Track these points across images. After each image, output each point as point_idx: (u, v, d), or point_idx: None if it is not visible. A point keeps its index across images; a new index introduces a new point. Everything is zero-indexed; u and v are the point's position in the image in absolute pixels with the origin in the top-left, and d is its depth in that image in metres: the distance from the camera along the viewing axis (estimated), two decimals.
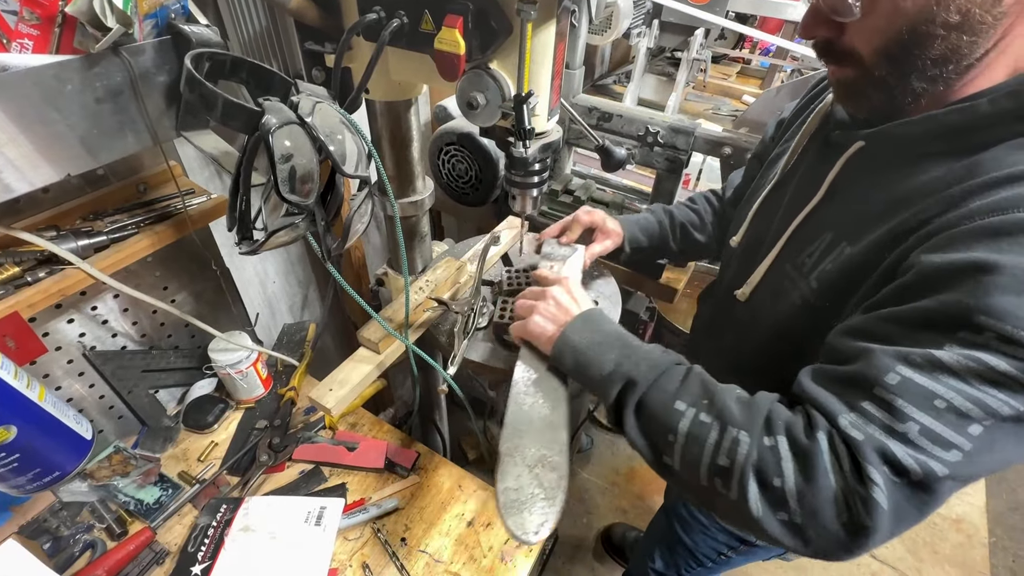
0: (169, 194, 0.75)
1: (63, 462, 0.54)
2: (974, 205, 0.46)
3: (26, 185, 0.50)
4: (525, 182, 0.80)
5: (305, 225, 0.59)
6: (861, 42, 0.51)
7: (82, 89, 0.50)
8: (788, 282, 0.65)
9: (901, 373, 0.43)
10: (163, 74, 0.56)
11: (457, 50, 0.62)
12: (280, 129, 0.49)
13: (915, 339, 0.45)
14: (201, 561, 0.77)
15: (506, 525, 0.54)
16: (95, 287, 0.78)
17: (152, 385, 0.93)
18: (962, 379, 0.42)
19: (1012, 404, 0.41)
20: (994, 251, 0.42)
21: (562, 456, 0.59)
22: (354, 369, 0.82)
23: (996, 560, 1.95)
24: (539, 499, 0.55)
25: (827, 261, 0.59)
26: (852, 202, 0.60)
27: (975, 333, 0.42)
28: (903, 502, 0.42)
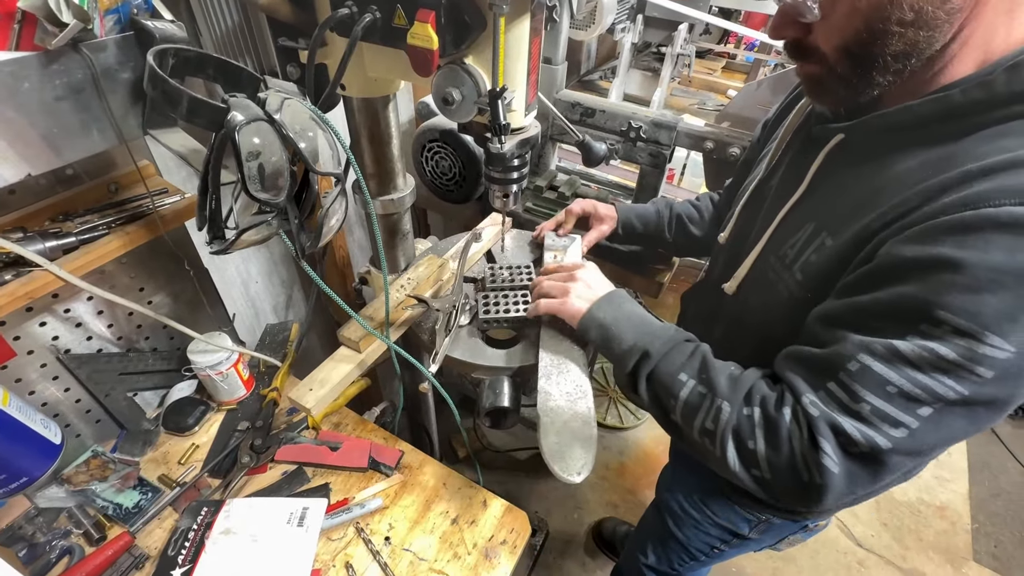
0: (141, 194, 0.74)
1: (30, 468, 0.53)
2: (947, 200, 0.47)
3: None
4: (504, 178, 0.79)
5: (277, 223, 0.58)
6: (824, 40, 0.53)
7: (40, 86, 0.49)
8: (773, 274, 0.67)
9: (862, 361, 0.49)
10: (127, 71, 0.54)
11: (430, 45, 0.61)
12: (247, 126, 0.48)
13: (880, 329, 0.49)
14: (181, 565, 0.77)
15: (553, 470, 0.67)
16: (67, 289, 0.77)
17: (130, 388, 0.91)
18: (916, 368, 0.47)
19: (958, 390, 0.46)
20: (959, 247, 0.45)
21: (590, 411, 0.72)
22: (334, 368, 0.82)
23: (979, 546, 1.99)
24: (577, 447, 0.68)
25: (809, 252, 0.61)
26: (833, 194, 0.62)
27: (934, 326, 0.46)
28: (854, 468, 0.50)
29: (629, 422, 2.33)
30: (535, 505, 2.03)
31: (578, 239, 1.05)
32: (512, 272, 0.99)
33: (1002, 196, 0.45)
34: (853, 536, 1.98)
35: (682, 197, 1.51)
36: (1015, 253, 0.44)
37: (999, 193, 0.45)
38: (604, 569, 1.85)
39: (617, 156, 1.31)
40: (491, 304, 0.93)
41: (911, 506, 2.09)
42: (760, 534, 0.92)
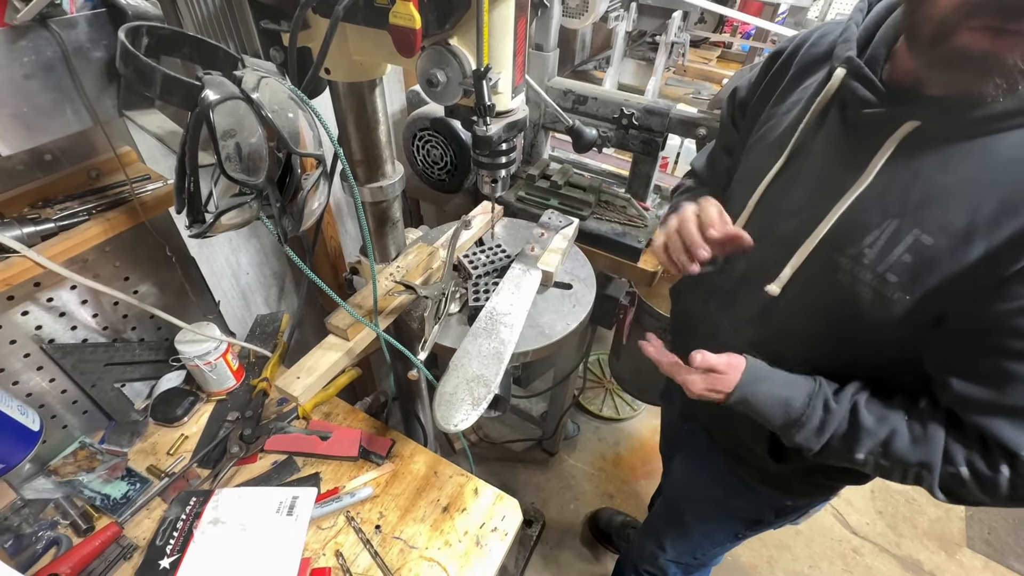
0: (123, 180, 0.73)
1: (7, 454, 0.52)
2: None
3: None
4: (491, 162, 0.78)
5: (257, 206, 0.57)
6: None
7: (7, 64, 0.47)
8: (843, 274, 0.62)
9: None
10: (100, 50, 0.53)
11: (413, 24, 0.60)
12: (221, 104, 0.47)
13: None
14: (170, 555, 0.76)
15: (434, 415, 0.70)
16: (50, 277, 0.76)
17: (117, 379, 0.91)
18: None
19: None
20: None
21: (495, 379, 0.75)
22: (322, 357, 0.81)
23: (972, 533, 2.00)
24: (466, 404, 0.71)
25: (900, 251, 0.57)
26: (912, 186, 0.57)
27: None
28: None
29: (625, 413, 2.33)
30: (531, 496, 2.04)
31: (575, 223, 1.04)
32: (489, 254, 0.99)
33: None
34: (848, 524, 1.99)
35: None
36: None
37: None
38: (600, 559, 1.86)
39: (610, 144, 1.30)
40: (480, 291, 0.92)
41: (905, 494, 2.10)
42: (785, 516, 0.93)
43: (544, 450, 2.19)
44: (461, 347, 0.80)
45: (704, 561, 1.16)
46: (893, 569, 1.88)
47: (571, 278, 1.02)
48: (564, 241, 1.03)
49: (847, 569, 1.87)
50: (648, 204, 1.37)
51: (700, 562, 1.16)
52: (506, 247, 1.02)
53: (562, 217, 1.08)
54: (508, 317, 0.86)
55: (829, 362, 0.68)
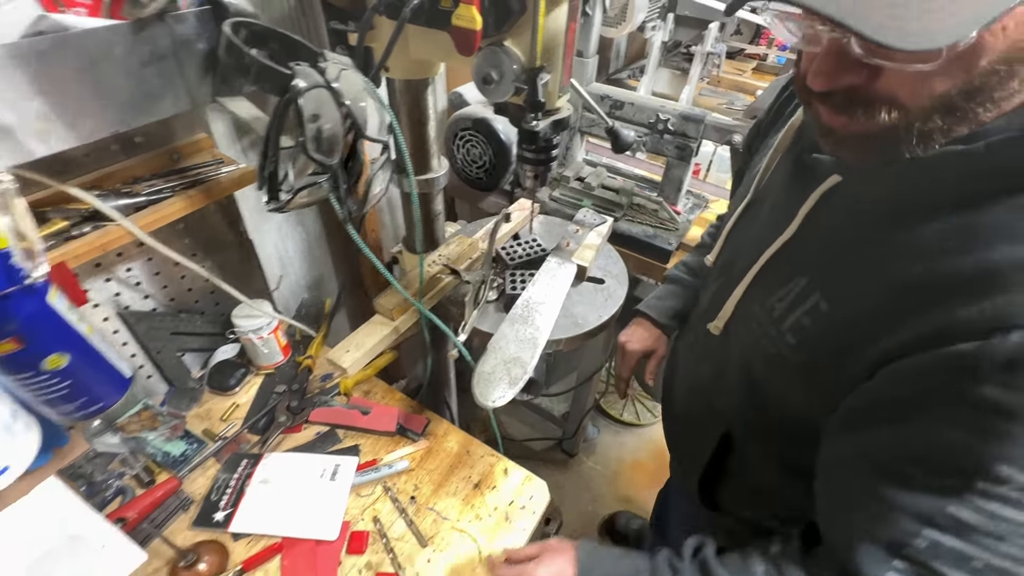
0: (201, 162, 0.80)
1: (106, 395, 0.59)
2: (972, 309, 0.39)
3: (75, 139, 0.55)
4: (537, 158, 0.83)
5: (328, 186, 0.63)
6: (906, 90, 0.39)
7: (130, 52, 0.54)
8: (757, 325, 0.58)
9: (929, 537, 0.42)
10: (202, 42, 0.60)
11: (474, 26, 0.65)
12: (309, 91, 0.53)
13: (927, 482, 0.43)
14: (223, 508, 0.82)
15: (473, 392, 0.74)
16: (130, 248, 0.84)
17: (179, 348, 0.98)
18: (997, 538, 0.40)
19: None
20: (1008, 390, 0.38)
21: (531, 361, 0.79)
22: (369, 334, 0.87)
23: None
24: (503, 382, 0.76)
25: (800, 312, 0.53)
26: (828, 246, 0.53)
27: (994, 484, 0.39)
28: None
29: (646, 419, 2.34)
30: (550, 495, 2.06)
31: (608, 221, 1.08)
32: (526, 247, 1.04)
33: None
34: None
35: (708, 192, 1.54)
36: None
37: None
38: None
39: (644, 148, 1.34)
40: (517, 281, 0.97)
41: None
42: None
43: (564, 451, 2.21)
44: (499, 331, 0.85)
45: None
46: None
47: (604, 274, 1.06)
48: (598, 238, 1.07)
49: None
50: (679, 208, 1.40)
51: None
52: (542, 242, 1.07)
53: (596, 215, 1.13)
54: (543, 306, 0.90)
55: (758, 417, 0.63)
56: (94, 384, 0.57)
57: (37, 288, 0.49)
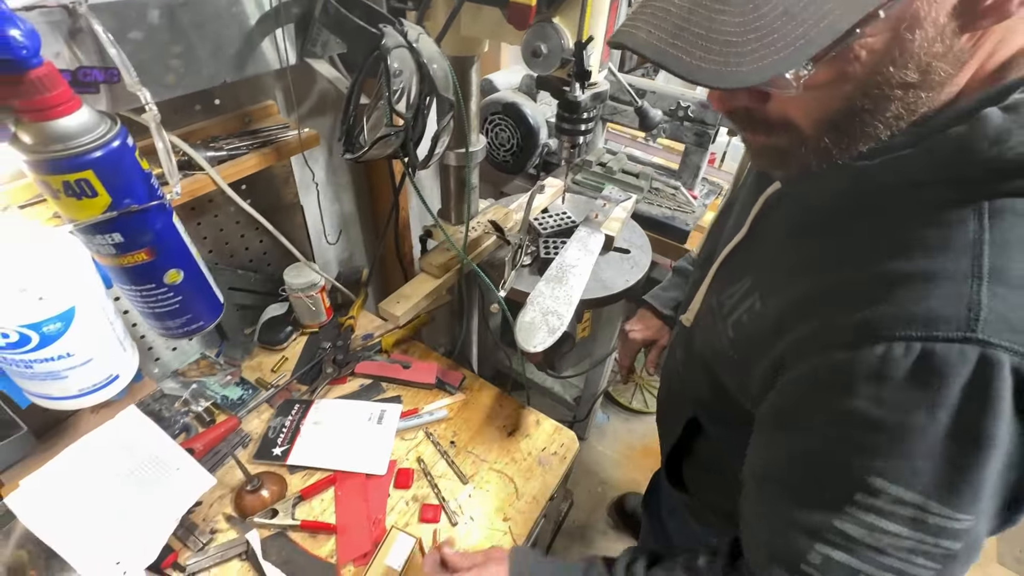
0: (270, 126, 0.88)
1: (205, 315, 0.65)
2: (856, 317, 0.40)
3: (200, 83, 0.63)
4: (574, 128, 0.91)
5: (397, 141, 0.71)
6: (797, 112, 0.41)
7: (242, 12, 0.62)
8: (712, 319, 0.61)
9: (821, 552, 0.44)
10: (297, 7, 0.68)
11: (530, 1, 0.73)
12: (395, 49, 0.60)
13: (814, 495, 0.44)
14: (280, 445, 0.89)
15: (517, 339, 0.83)
16: (202, 204, 0.91)
17: (235, 303, 1.05)
18: (879, 551, 0.41)
19: (931, 566, 0.40)
20: (875, 403, 0.39)
21: (567, 314, 0.88)
22: (417, 287, 0.94)
23: (1004, 550, 1.99)
24: (542, 330, 0.85)
25: (742, 311, 0.55)
26: (767, 250, 0.55)
27: (871, 496, 0.40)
28: None
29: (654, 407, 2.40)
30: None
31: (633, 197, 1.16)
32: (556, 219, 1.12)
33: (907, 325, 0.38)
34: None
35: (723, 180, 1.61)
36: (934, 410, 0.37)
37: (904, 321, 0.38)
38: (625, 540, 1.92)
39: (664, 134, 1.42)
40: (551, 247, 1.04)
41: None
42: None
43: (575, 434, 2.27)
44: (536, 288, 0.92)
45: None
46: None
47: (628, 245, 1.13)
48: (624, 212, 1.15)
49: None
50: (696, 193, 1.47)
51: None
52: (571, 215, 1.14)
53: (622, 192, 1.20)
54: (576, 269, 0.98)
55: (715, 406, 0.66)
56: (198, 303, 0.64)
57: (168, 207, 0.57)
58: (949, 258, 0.38)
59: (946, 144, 0.38)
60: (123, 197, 0.51)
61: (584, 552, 1.89)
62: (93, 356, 0.60)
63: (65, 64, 0.50)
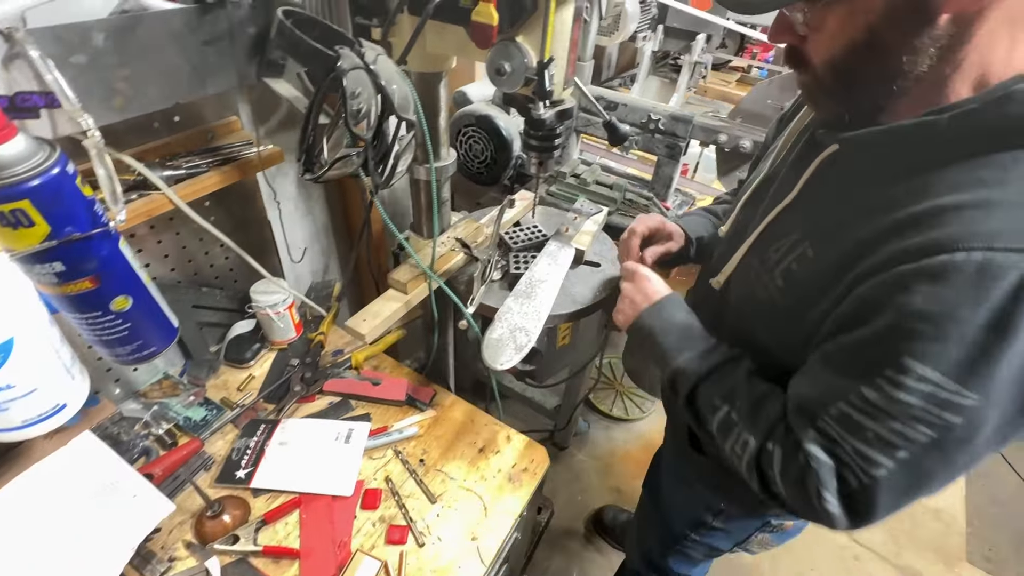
0: (233, 142, 0.87)
1: (157, 341, 0.64)
2: (918, 239, 0.48)
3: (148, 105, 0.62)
4: (542, 145, 0.91)
5: (358, 160, 0.70)
6: (814, 53, 0.54)
7: (194, 32, 0.61)
8: (754, 276, 0.67)
9: (840, 408, 0.53)
10: (252, 26, 0.67)
11: (491, 21, 0.73)
12: (352, 71, 0.60)
13: (855, 371, 0.52)
14: (244, 467, 0.88)
15: (483, 356, 0.82)
16: (162, 222, 0.89)
17: (199, 321, 1.03)
18: (889, 416, 0.49)
19: (928, 434, 0.48)
20: (926, 297, 0.46)
21: (535, 331, 0.87)
22: (384, 305, 0.93)
23: (973, 548, 2.03)
24: (510, 347, 0.84)
25: (791, 259, 0.61)
26: (820, 205, 0.62)
27: (899, 373, 0.48)
28: (850, 506, 0.53)
29: (634, 414, 2.41)
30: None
31: (604, 210, 1.17)
32: (527, 233, 1.12)
33: (968, 240, 0.45)
34: (850, 532, 2.04)
35: (695, 191, 1.63)
36: (977, 305, 0.44)
37: (965, 237, 0.45)
38: (605, 549, 1.92)
39: (637, 146, 1.43)
40: (520, 262, 1.04)
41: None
42: (723, 524, 0.94)
43: (555, 444, 2.27)
44: (505, 304, 0.92)
45: (672, 567, 1.16)
46: None
47: (599, 258, 1.14)
48: (595, 225, 1.15)
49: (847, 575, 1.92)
50: (669, 204, 1.49)
51: (668, 566, 1.16)
52: (542, 229, 1.15)
53: (593, 205, 1.21)
54: (545, 284, 0.98)
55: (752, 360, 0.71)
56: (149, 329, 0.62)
57: (113, 234, 0.55)
58: (1007, 190, 0.46)
59: (1012, 97, 0.46)
60: (63, 225, 0.49)
61: (566, 563, 1.88)
62: (37, 386, 0.58)
63: (3, 90, 0.49)
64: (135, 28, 0.55)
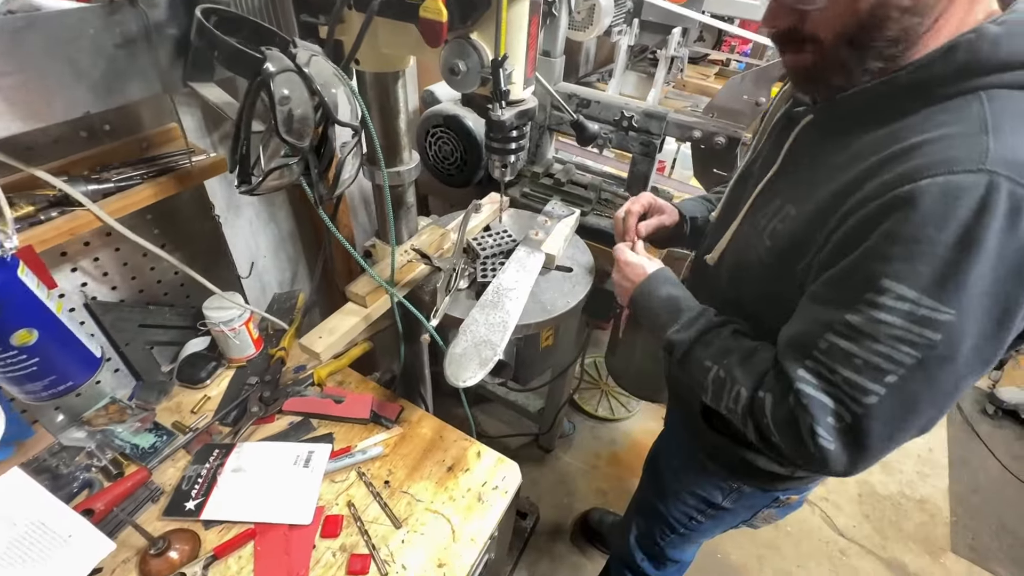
0: (170, 152, 0.81)
1: (75, 374, 0.59)
2: (887, 176, 0.52)
3: (47, 118, 0.56)
4: (503, 148, 0.86)
5: (299, 169, 0.65)
6: (823, 28, 0.56)
7: (102, 34, 0.55)
8: (745, 243, 0.72)
9: (828, 339, 0.55)
10: (173, 27, 0.61)
11: (440, 18, 0.68)
12: (280, 75, 0.55)
13: (838, 300, 0.55)
14: (195, 498, 0.82)
15: (445, 372, 0.78)
16: (98, 239, 0.83)
17: (148, 340, 0.97)
18: (873, 339, 0.52)
19: (912, 354, 0.51)
20: (896, 222, 0.50)
21: (501, 344, 0.83)
22: (343, 320, 0.88)
23: (957, 538, 2.04)
24: (474, 363, 0.79)
25: (776, 221, 0.66)
26: (801, 170, 0.67)
27: (878, 294, 0.51)
28: (846, 439, 0.55)
29: (620, 414, 2.39)
30: (526, 490, 2.08)
31: (576, 213, 1.13)
32: (496, 239, 1.07)
33: (932, 168, 0.49)
34: (835, 526, 2.04)
35: (673, 188, 1.60)
36: (944, 222, 0.48)
37: (929, 166, 0.49)
38: (592, 552, 1.90)
39: (611, 144, 1.39)
40: (488, 270, 1.00)
41: (892, 499, 2.15)
42: (733, 503, 0.96)
43: (540, 447, 2.24)
44: (470, 315, 0.87)
45: (664, 548, 1.17)
46: (879, 571, 1.92)
47: (571, 263, 1.10)
48: (566, 228, 1.11)
49: (834, 570, 1.91)
50: None
51: (660, 548, 1.17)
52: (512, 233, 1.10)
53: (564, 207, 1.17)
54: (513, 292, 0.93)
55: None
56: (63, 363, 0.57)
57: (7, 262, 0.50)
58: (962, 125, 0.51)
59: (959, 47, 0.52)
60: None
61: (553, 568, 1.85)
62: None
63: None
64: (24, 31, 0.49)
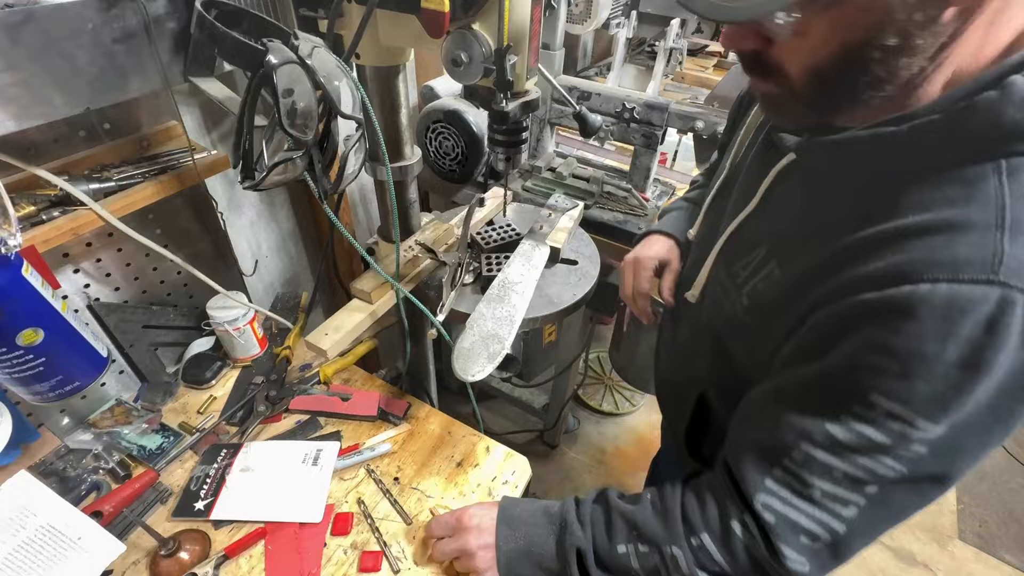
0: (172, 149, 0.80)
1: (82, 374, 0.58)
2: (882, 264, 0.45)
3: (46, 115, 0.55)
4: (507, 140, 0.85)
5: (302, 164, 0.64)
6: (789, 59, 0.45)
7: (101, 29, 0.55)
8: (722, 291, 0.64)
9: (805, 450, 0.50)
10: (173, 21, 0.61)
11: (442, 8, 0.68)
12: (282, 67, 0.54)
13: (816, 408, 0.50)
14: (204, 498, 0.82)
15: (454, 367, 0.76)
16: (100, 239, 0.83)
17: (152, 341, 0.97)
18: (856, 452, 0.48)
19: (897, 468, 0.47)
20: (892, 332, 0.44)
21: (509, 337, 0.81)
22: (348, 317, 0.87)
23: (964, 525, 2.04)
24: (482, 357, 0.78)
25: (758, 278, 0.58)
26: (784, 218, 0.58)
27: (867, 408, 0.46)
28: (821, 558, 0.51)
29: (624, 408, 2.39)
30: (532, 487, 2.06)
31: (579, 205, 1.12)
32: (500, 232, 1.06)
33: (933, 269, 0.42)
34: None
35: (675, 180, 1.59)
36: (946, 341, 0.42)
37: (931, 266, 0.42)
38: None
39: (612, 137, 1.38)
40: (493, 264, 0.99)
41: None
42: None
43: (545, 442, 2.24)
44: (477, 309, 0.87)
45: None
46: (886, 559, 1.92)
47: (576, 256, 1.09)
48: (570, 221, 1.10)
49: None
50: (648, 195, 1.44)
51: None
52: (516, 227, 1.09)
53: (568, 200, 1.16)
54: (519, 285, 0.93)
55: (724, 379, 0.68)
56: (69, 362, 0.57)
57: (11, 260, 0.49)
58: (973, 210, 0.42)
59: (977, 107, 0.41)
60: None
61: None
62: None
63: None
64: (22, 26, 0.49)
